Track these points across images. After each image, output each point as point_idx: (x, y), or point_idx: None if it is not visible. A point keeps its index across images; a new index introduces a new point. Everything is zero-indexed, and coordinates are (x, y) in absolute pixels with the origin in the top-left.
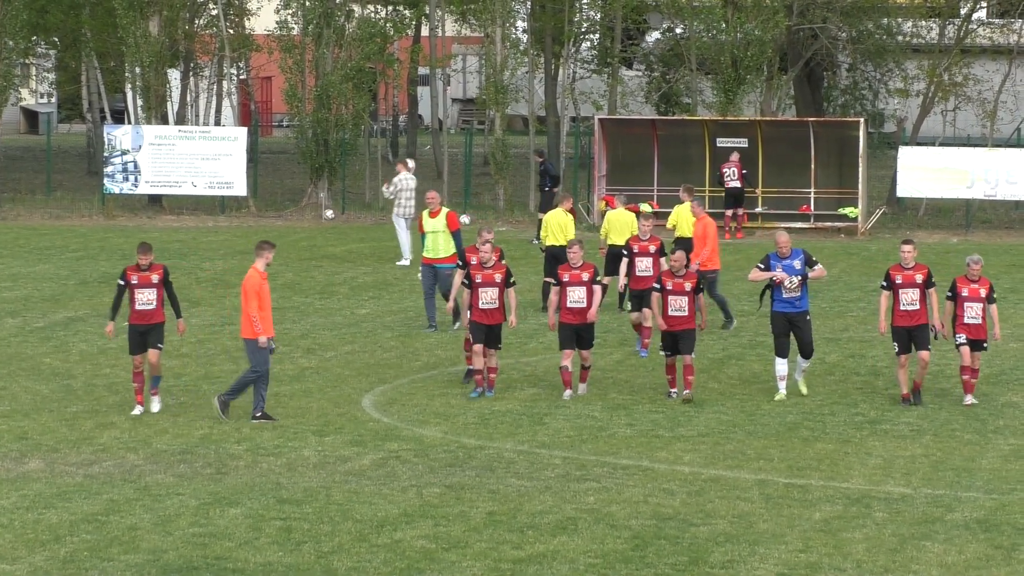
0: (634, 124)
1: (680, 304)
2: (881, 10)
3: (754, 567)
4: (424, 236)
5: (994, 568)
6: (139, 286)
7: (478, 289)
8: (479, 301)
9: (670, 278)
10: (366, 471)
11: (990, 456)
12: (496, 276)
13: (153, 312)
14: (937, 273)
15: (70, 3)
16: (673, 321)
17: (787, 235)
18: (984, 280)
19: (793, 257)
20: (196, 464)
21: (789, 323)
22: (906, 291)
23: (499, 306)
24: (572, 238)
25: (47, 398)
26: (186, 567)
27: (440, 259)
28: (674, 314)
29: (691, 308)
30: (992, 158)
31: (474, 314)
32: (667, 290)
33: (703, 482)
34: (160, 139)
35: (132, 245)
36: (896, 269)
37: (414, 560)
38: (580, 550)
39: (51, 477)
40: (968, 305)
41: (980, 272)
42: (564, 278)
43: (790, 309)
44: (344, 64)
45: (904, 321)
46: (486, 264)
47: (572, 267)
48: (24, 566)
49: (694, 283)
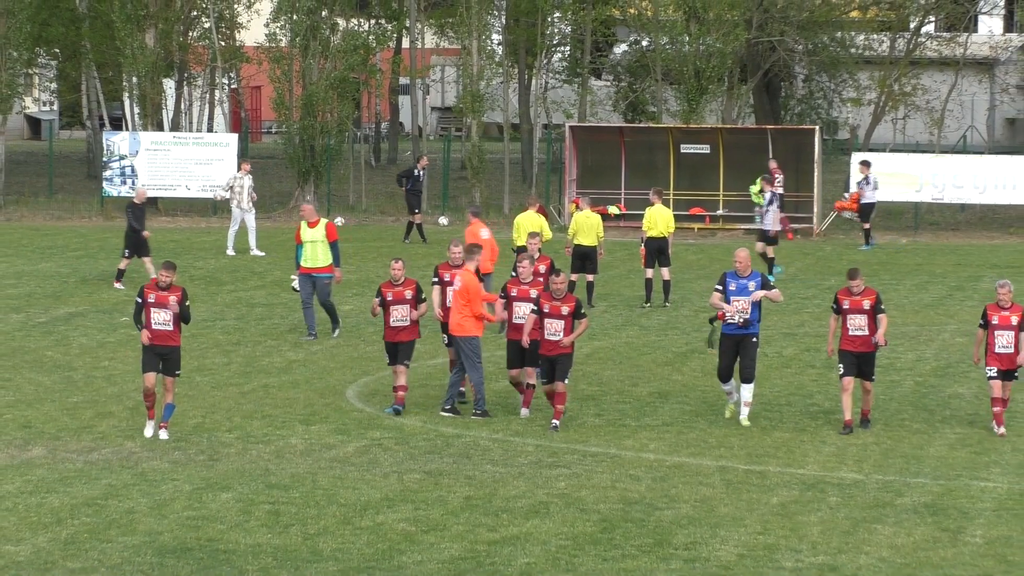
0: (603, 131)
1: (556, 328)
2: (835, 24)
3: (715, 548)
4: (301, 246)
5: (941, 549)
6: (155, 305)
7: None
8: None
9: (548, 300)
10: (350, 458)
11: (937, 444)
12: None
13: (170, 334)
14: (886, 271)
15: (70, 16)
16: (550, 346)
17: (747, 252)
18: (1016, 307)
19: (751, 278)
20: (190, 451)
21: (735, 344)
22: (854, 316)
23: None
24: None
25: (49, 389)
26: (180, 548)
27: (319, 268)
28: (550, 338)
29: (567, 333)
30: (939, 164)
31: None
32: (544, 312)
33: (667, 468)
34: (156, 145)
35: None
36: (844, 294)
37: (395, 542)
38: (552, 532)
39: (53, 463)
40: (999, 333)
41: (1011, 298)
42: (512, 293)
43: (738, 331)
44: (329, 74)
45: (851, 346)
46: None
47: (522, 282)
48: (28, 547)
49: (572, 307)
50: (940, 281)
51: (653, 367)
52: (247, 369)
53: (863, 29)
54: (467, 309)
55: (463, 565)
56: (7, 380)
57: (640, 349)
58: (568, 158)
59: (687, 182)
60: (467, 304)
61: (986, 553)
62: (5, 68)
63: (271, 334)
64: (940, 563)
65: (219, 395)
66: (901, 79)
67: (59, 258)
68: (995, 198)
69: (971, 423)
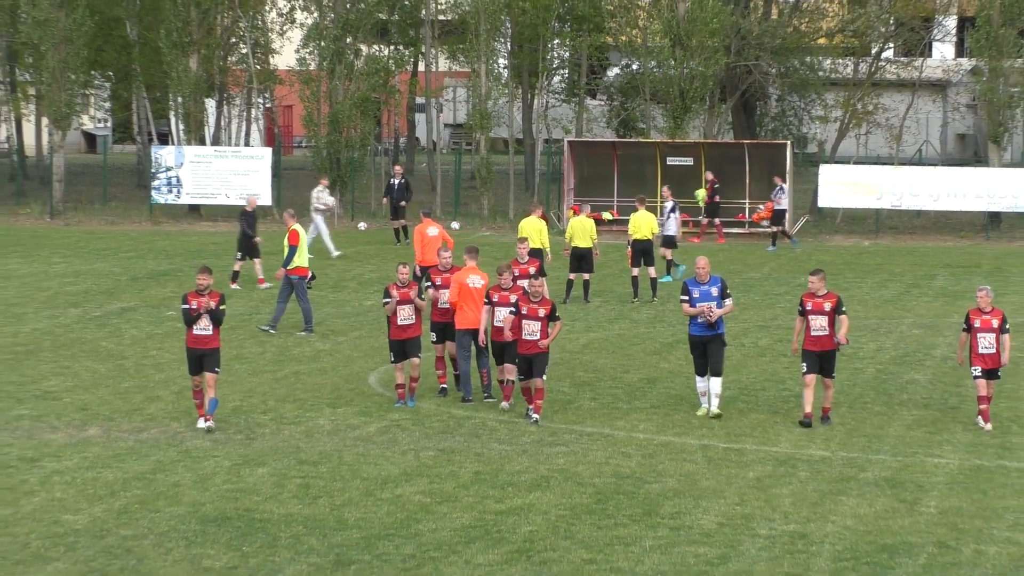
0: (597, 146)
1: (533, 328)
2: (805, 49)
3: (698, 518)
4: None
5: (899, 519)
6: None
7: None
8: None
9: (526, 303)
10: (372, 437)
11: (896, 425)
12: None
13: (209, 338)
14: (850, 270)
15: (122, 43)
16: (528, 345)
17: (706, 260)
18: (997, 311)
19: (711, 284)
20: (229, 431)
21: (704, 345)
22: (815, 317)
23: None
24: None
25: (103, 375)
26: (220, 518)
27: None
28: (528, 338)
29: (544, 334)
30: (898, 174)
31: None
32: (522, 314)
33: (655, 446)
34: (198, 158)
35: (175, 247)
36: (808, 296)
37: (412, 512)
38: (552, 503)
39: (107, 442)
40: (982, 336)
41: (991, 302)
42: (494, 298)
43: (706, 332)
44: (353, 95)
45: (813, 346)
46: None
47: (502, 288)
48: (85, 516)
49: (548, 310)
50: (899, 279)
51: (642, 356)
52: (280, 358)
53: (829, 54)
54: (477, 305)
55: (473, 532)
56: (66, 367)
57: (631, 340)
58: (566, 169)
59: (672, 191)
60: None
61: (939, 522)
62: (64, 89)
63: (301, 326)
64: (898, 531)
65: (255, 381)
66: (863, 99)
67: (112, 259)
68: (947, 205)
69: (926, 406)
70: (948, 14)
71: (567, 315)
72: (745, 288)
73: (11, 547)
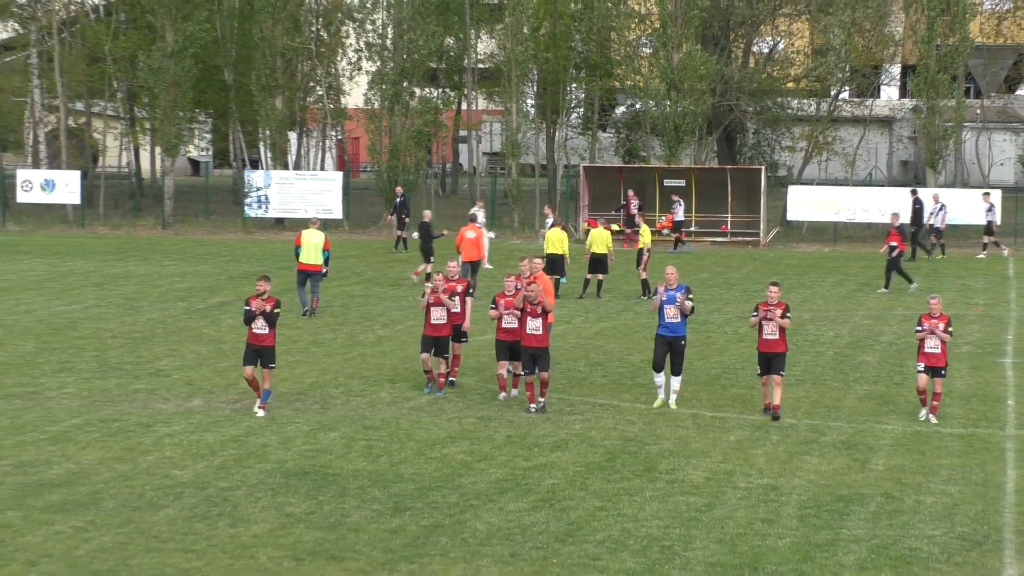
0: (607, 170)
1: (535, 325)
2: (776, 92)
3: (689, 473)
4: (300, 248)
5: (853, 474)
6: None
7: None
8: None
9: (527, 304)
10: (423, 407)
11: (850, 397)
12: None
13: (265, 336)
14: (813, 271)
15: (221, 86)
16: (530, 339)
17: (673, 268)
18: (943, 316)
19: (678, 290)
20: (307, 402)
21: (668, 345)
22: (767, 324)
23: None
24: (567, 251)
25: (205, 357)
26: (300, 472)
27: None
28: (531, 333)
29: (546, 330)
30: (852, 193)
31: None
32: (525, 312)
33: (654, 415)
34: (283, 180)
35: (265, 252)
36: (764, 305)
37: (456, 468)
38: (570, 462)
39: (208, 410)
40: (928, 337)
41: (940, 309)
42: (500, 303)
43: (669, 333)
44: (409, 128)
45: (765, 348)
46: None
47: (507, 294)
48: (189, 472)
49: (544, 307)
50: (852, 279)
51: (644, 342)
52: (349, 342)
53: (796, 96)
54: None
55: (505, 485)
56: (175, 350)
57: (635, 328)
58: (582, 189)
59: (668, 207)
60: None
61: (886, 477)
62: (174, 124)
63: (367, 317)
64: (852, 484)
65: (328, 361)
66: (824, 132)
67: (212, 262)
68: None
69: (875, 382)
70: (893, 62)
71: (582, 308)
72: (727, 286)
73: (130, 496)
